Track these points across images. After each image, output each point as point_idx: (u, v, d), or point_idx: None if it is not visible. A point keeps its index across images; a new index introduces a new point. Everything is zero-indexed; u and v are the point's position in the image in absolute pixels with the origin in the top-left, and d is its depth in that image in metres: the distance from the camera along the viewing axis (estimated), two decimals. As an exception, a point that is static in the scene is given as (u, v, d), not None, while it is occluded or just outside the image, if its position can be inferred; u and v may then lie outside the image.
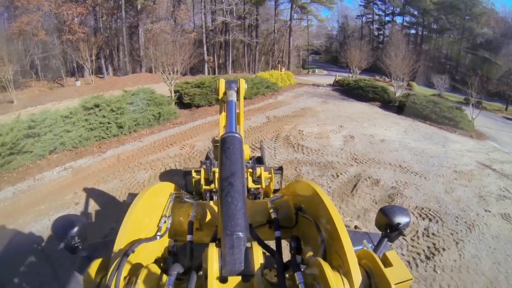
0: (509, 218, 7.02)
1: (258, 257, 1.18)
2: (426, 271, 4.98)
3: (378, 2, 38.53)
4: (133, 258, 1.38)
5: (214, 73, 29.07)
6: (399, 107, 16.22)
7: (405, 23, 37.51)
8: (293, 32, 32.92)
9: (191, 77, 22.64)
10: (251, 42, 31.12)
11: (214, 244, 1.25)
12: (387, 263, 1.40)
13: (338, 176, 7.80)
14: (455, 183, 8.41)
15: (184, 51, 15.28)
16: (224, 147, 1.57)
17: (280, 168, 4.87)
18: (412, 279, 1.34)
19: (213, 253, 1.19)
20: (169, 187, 2.31)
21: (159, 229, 1.82)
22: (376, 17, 39.94)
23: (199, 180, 3.98)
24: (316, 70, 34.70)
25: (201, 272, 1.27)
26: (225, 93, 2.63)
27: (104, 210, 6.43)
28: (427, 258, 5.21)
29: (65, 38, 23.61)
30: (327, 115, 14.24)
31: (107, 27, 27.36)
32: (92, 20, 26.14)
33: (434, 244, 5.60)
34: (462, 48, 32.32)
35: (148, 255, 1.63)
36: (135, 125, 11.15)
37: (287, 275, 1.36)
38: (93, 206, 6.56)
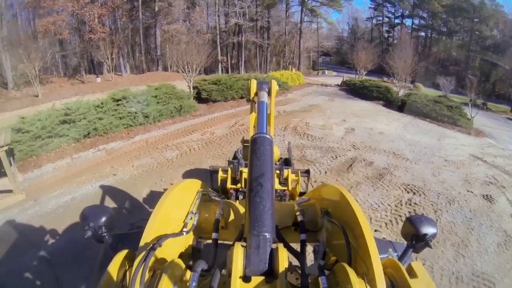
0: (490, 199, 7.94)
1: (283, 259, 1.18)
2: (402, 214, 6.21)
3: (388, 5, 39.33)
4: (159, 252, 1.40)
5: (227, 73, 30.25)
6: (401, 106, 17.18)
7: (414, 26, 38.34)
8: (304, 34, 33.95)
9: (205, 76, 24.05)
10: (262, 43, 32.29)
11: (239, 243, 1.26)
12: (412, 274, 1.40)
13: (337, 157, 9.02)
14: (443, 169, 9.38)
15: (203, 50, 16.70)
16: (255, 148, 1.59)
17: (307, 171, 4.86)
18: None
19: (238, 252, 1.20)
20: (196, 185, 2.33)
21: (185, 225, 1.84)
22: (386, 20, 40.80)
23: (226, 179, 4.03)
24: (326, 72, 35.67)
25: (224, 271, 1.29)
26: (256, 94, 2.64)
27: (140, 178, 7.74)
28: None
29: (87, 37, 25.10)
30: (332, 111, 15.35)
31: (125, 28, 28.76)
32: (109, 20, 27.49)
33: (414, 210, 6.73)
34: (470, 51, 32.89)
35: (172, 250, 1.65)
36: (159, 115, 12.51)
37: (310, 279, 1.35)
38: (131, 176, 7.87)
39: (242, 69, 31.38)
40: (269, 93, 2.60)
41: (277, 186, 3.87)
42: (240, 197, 3.76)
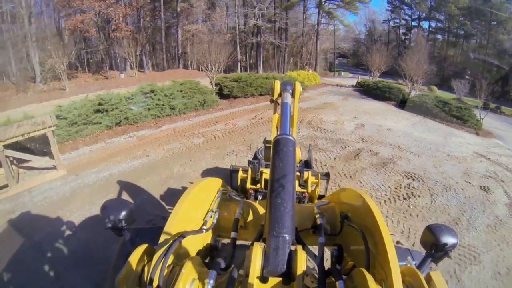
0: (487, 189, 8.57)
1: (301, 261, 1.18)
2: (402, 206, 7.04)
3: (405, 7, 39.60)
4: (178, 248, 1.43)
5: (246, 72, 31.53)
6: (411, 106, 17.82)
7: (431, 29, 38.47)
8: (320, 36, 34.69)
9: (226, 74, 25.23)
10: (280, 44, 33.23)
11: (259, 243, 1.27)
12: (431, 283, 1.38)
13: (345, 147, 10.03)
14: (444, 162, 10.10)
15: (224, 50, 17.96)
16: (278, 149, 1.60)
17: (327, 174, 4.87)
18: None
19: (257, 252, 1.20)
20: (217, 183, 2.36)
21: (205, 223, 1.86)
22: (403, 22, 40.97)
23: (246, 178, 4.06)
24: (342, 73, 36.36)
25: (241, 270, 1.30)
26: (279, 95, 2.63)
27: (171, 159, 8.97)
28: (404, 199, 7.28)
29: (113, 36, 26.35)
30: (344, 109, 16.28)
31: (147, 27, 30.10)
32: (131, 19, 28.78)
33: (412, 192, 7.62)
34: (487, 54, 32.92)
35: (191, 247, 1.67)
36: (185, 108, 13.76)
37: (327, 283, 1.34)
38: (162, 157, 9.10)
39: (260, 68, 32.43)
40: (292, 95, 2.60)
41: (296, 188, 3.81)
42: (259, 197, 3.79)
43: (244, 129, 11.53)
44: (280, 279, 1.19)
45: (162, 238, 1.45)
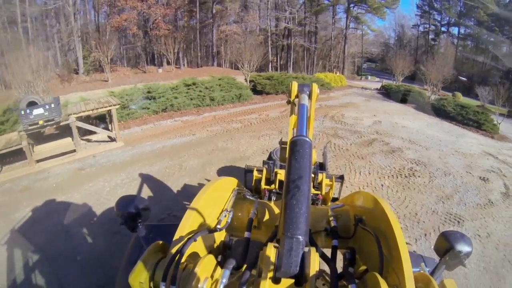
0: (485, 180, 9.59)
1: (314, 263, 1.18)
2: (402, 181, 8.69)
3: (434, 13, 39.94)
4: (192, 246, 1.45)
5: (277, 72, 33.38)
6: (430, 109, 18.90)
7: (460, 35, 38.63)
8: (349, 40, 35.88)
9: (259, 73, 27.14)
10: (310, 47, 34.88)
11: (272, 243, 1.27)
12: None
13: (361, 137, 11.81)
14: (450, 156, 11.36)
15: (257, 50, 20.08)
16: (294, 150, 1.60)
17: (341, 177, 4.88)
18: None
19: (270, 252, 1.21)
20: (232, 183, 2.41)
21: (219, 222, 1.89)
22: (432, 27, 41.40)
23: (260, 179, 4.10)
24: (369, 77, 37.46)
25: (254, 270, 1.32)
26: (297, 96, 2.68)
27: (214, 137, 11.17)
28: (406, 177, 8.94)
29: (153, 34, 28.71)
30: (366, 108, 17.86)
31: (184, 26, 32.35)
32: (168, 19, 30.62)
33: (413, 173, 9.23)
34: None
35: (205, 245, 1.70)
36: (223, 100, 15.91)
37: (339, 286, 1.34)
38: (206, 136, 11.32)
39: (290, 69, 34.07)
40: (309, 96, 2.61)
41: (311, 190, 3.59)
42: (273, 198, 3.79)
43: (275, 119, 13.61)
44: (292, 280, 1.18)
45: (177, 235, 1.48)
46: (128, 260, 2.02)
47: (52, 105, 8.90)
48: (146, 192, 7.55)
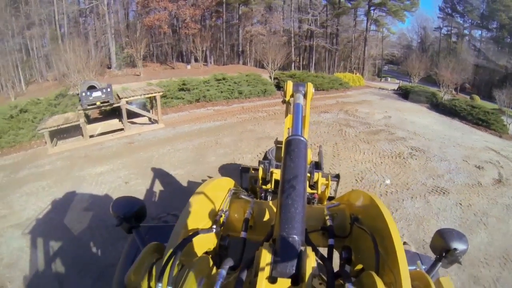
0: (480, 168, 10.52)
1: (311, 262, 1.20)
2: (400, 161, 10.36)
3: (457, 15, 40.44)
4: (188, 246, 1.47)
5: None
6: (442, 108, 20.27)
7: (482, 38, 39.03)
8: (370, 42, 37.11)
9: (282, 71, 28.90)
10: (331, 48, 36.53)
11: (268, 243, 1.30)
12: None
13: (370, 128, 13.61)
14: (451, 147, 12.61)
15: (281, 50, 22.18)
16: (289, 149, 1.61)
17: (337, 176, 4.93)
18: None
19: (266, 252, 1.23)
20: (228, 183, 2.46)
21: (215, 222, 1.92)
22: (455, 30, 41.79)
23: (256, 178, 4.17)
24: (389, 79, 38.49)
25: (250, 270, 1.33)
26: (292, 96, 2.70)
27: (243, 122, 13.30)
28: (404, 158, 10.61)
29: (182, 32, 31.51)
30: (379, 105, 19.46)
31: (211, 26, 34.84)
32: (195, 19, 32.97)
33: (411, 156, 10.88)
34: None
35: (201, 245, 1.71)
36: (249, 93, 17.97)
37: (336, 285, 1.33)
38: (237, 121, 13.43)
39: (312, 69, 35.80)
40: (305, 96, 2.64)
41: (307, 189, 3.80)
42: (269, 197, 3.85)
43: (296, 111, 15.71)
44: (289, 280, 1.18)
45: (173, 236, 1.52)
46: (124, 262, 2.01)
47: (108, 89, 11.30)
48: (190, 157, 9.77)
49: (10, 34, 21.64)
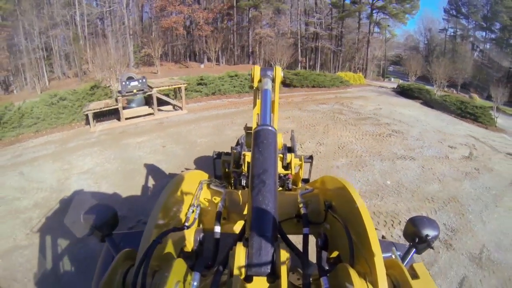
0: (453, 147, 12.49)
1: (285, 259, 1.24)
2: (379, 138, 12.93)
3: (461, 17, 42.40)
4: (161, 248, 1.47)
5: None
6: (433, 103, 22.35)
7: (485, 39, 41.08)
8: (374, 44, 39.84)
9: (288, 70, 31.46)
10: (336, 49, 39.34)
11: (241, 243, 1.32)
12: (414, 275, 1.46)
13: (359, 115, 16.35)
14: (431, 132, 14.62)
15: (288, 51, 25.13)
16: (258, 141, 1.62)
17: (311, 157, 5.04)
18: None
19: (240, 252, 1.27)
20: (199, 175, 2.49)
21: (187, 219, 1.94)
22: (460, 32, 43.55)
23: (229, 162, 4.45)
24: (392, 79, 40.64)
25: (226, 270, 1.37)
26: (260, 81, 2.69)
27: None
28: (383, 137, 13.19)
29: (196, 34, 34.53)
30: (374, 100, 21.94)
31: (223, 28, 38.21)
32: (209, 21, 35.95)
33: (390, 136, 13.43)
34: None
35: (174, 245, 1.72)
36: (259, 89, 21.00)
37: (312, 279, 1.39)
38: (248, 108, 15.74)
39: (318, 69, 38.44)
40: (273, 80, 2.69)
41: (280, 170, 4.14)
42: (243, 181, 4.01)
43: (298, 103, 18.65)
44: (264, 277, 1.22)
45: (144, 239, 1.49)
46: (99, 272, 1.97)
47: (144, 80, 14.37)
48: (212, 132, 12.68)
49: (35, 33, 24.54)
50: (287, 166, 4.23)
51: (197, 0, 34.63)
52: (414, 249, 1.83)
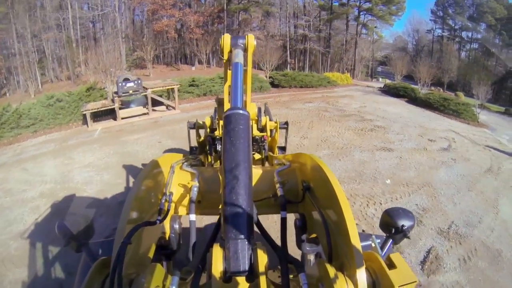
0: (432, 141, 13.64)
1: (263, 258, 1.26)
2: (361, 133, 14.11)
3: (448, 18, 43.87)
4: (136, 247, 1.44)
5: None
6: (418, 101, 23.43)
7: (468, 39, 42.76)
8: (362, 45, 41.22)
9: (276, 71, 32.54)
10: (324, 51, 40.52)
11: (218, 245, 1.32)
12: (391, 265, 1.50)
13: (344, 113, 17.54)
14: (412, 127, 15.91)
15: (277, 53, 26.29)
16: (228, 129, 1.48)
17: (286, 123, 5.06)
18: (416, 281, 1.44)
19: (217, 254, 1.27)
20: (171, 158, 2.40)
21: (160, 211, 1.89)
22: (447, 32, 45.02)
23: (204, 128, 4.52)
24: (380, 79, 41.81)
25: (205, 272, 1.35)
26: (230, 52, 2.52)
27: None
28: (364, 132, 14.38)
29: (188, 37, 35.31)
30: (359, 99, 23.22)
31: (213, 31, 38.26)
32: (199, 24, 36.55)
33: (372, 131, 14.62)
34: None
35: (151, 239, 1.70)
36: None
37: (291, 275, 1.40)
38: None
39: (307, 71, 39.75)
40: (245, 50, 2.51)
41: (255, 132, 4.13)
42: (218, 145, 3.99)
43: (286, 102, 19.83)
44: (243, 277, 1.23)
45: (116, 240, 1.42)
46: (78, 284, 1.93)
47: (139, 81, 15.35)
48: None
49: (28, 36, 24.96)
50: (262, 129, 4.27)
51: (188, 4, 35.81)
52: (391, 240, 1.90)
